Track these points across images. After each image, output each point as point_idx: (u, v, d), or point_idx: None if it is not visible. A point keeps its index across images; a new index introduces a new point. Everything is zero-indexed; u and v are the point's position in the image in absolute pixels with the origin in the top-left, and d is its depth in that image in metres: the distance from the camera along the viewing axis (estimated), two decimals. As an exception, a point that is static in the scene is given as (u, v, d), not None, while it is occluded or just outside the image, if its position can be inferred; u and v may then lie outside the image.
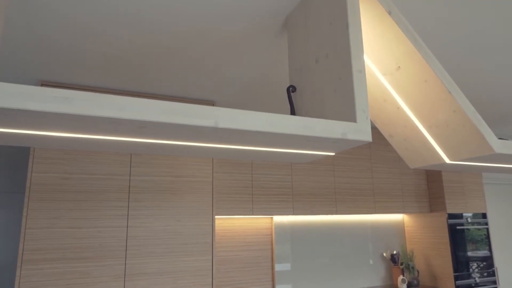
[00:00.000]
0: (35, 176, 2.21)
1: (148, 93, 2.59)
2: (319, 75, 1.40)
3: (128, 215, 2.37)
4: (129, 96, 2.19)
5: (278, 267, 3.29)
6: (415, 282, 3.56)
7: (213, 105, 2.75)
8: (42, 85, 2.32)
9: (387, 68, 1.60)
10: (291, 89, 1.55)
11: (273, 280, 3.26)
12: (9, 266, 2.85)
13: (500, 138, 1.64)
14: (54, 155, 2.27)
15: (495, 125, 3.77)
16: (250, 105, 2.90)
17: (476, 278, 3.52)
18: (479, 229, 3.68)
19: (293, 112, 1.49)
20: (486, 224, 3.74)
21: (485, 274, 3.59)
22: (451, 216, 3.56)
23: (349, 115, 1.23)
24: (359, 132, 1.19)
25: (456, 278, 3.43)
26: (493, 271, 3.64)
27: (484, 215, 3.76)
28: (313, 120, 1.13)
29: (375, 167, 3.62)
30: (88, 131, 1.02)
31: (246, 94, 2.65)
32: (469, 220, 3.64)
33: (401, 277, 3.53)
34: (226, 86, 2.49)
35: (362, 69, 1.24)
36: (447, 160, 1.71)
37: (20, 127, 0.97)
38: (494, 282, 3.61)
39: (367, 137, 1.20)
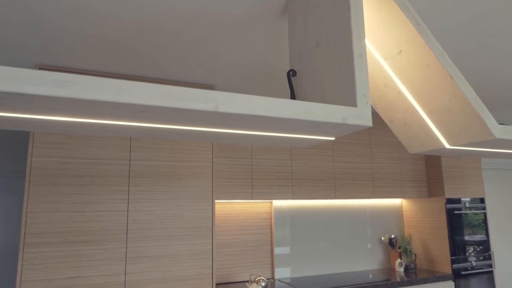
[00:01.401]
0: (35, 161, 2.21)
1: (148, 77, 2.57)
2: (319, 59, 1.39)
3: (128, 200, 2.38)
4: (128, 80, 2.18)
5: (277, 250, 3.33)
6: (412, 265, 3.61)
7: (212, 89, 2.73)
8: (40, 69, 2.30)
9: (388, 53, 1.58)
10: (291, 74, 1.54)
11: (272, 263, 3.31)
12: (12, 248, 2.88)
13: (501, 123, 1.63)
14: (53, 140, 2.27)
15: (496, 110, 3.76)
16: (249, 90, 2.88)
17: (473, 262, 3.57)
18: (476, 214, 3.71)
19: (293, 97, 1.48)
20: (484, 209, 3.78)
21: (481, 258, 3.64)
22: (449, 201, 3.59)
23: (349, 99, 1.22)
24: (360, 117, 1.19)
25: (453, 262, 3.48)
26: (489, 255, 3.69)
27: (482, 200, 3.79)
28: (313, 104, 1.13)
29: (374, 152, 3.63)
30: (88, 115, 1.02)
31: (245, 78, 2.64)
32: (467, 205, 3.67)
33: (398, 260, 3.59)
34: (226, 70, 2.47)
35: (363, 54, 1.23)
36: (447, 145, 1.71)
37: (18, 111, 0.97)
38: (490, 266, 3.67)
39: (368, 122, 1.20)
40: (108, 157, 2.38)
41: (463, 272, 3.49)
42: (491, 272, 3.67)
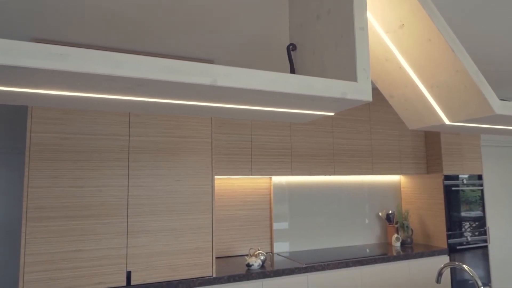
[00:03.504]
0: (34, 136, 2.21)
1: (146, 51, 2.53)
2: (320, 32, 1.36)
3: (128, 175, 2.40)
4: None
5: (276, 225, 3.38)
6: (409, 240, 3.68)
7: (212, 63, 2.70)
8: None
9: (390, 26, 1.55)
10: (291, 48, 1.51)
11: (271, 238, 3.37)
12: (14, 222, 2.92)
13: (502, 99, 1.62)
14: (52, 115, 2.26)
15: (499, 86, 3.73)
16: (249, 65, 2.85)
17: (468, 237, 3.64)
18: (473, 191, 3.75)
19: (293, 71, 1.47)
20: (481, 185, 3.81)
21: (477, 233, 3.70)
22: (447, 177, 3.62)
23: (349, 74, 1.21)
24: (360, 91, 1.18)
25: (449, 237, 3.54)
26: (485, 230, 3.75)
27: (480, 177, 3.82)
28: (312, 79, 1.11)
29: (374, 128, 3.62)
30: (84, 89, 1.01)
31: (245, 53, 2.60)
32: (465, 181, 3.70)
33: (395, 235, 3.65)
34: (225, 44, 2.43)
35: (364, 27, 1.20)
36: (447, 121, 1.71)
37: (13, 84, 0.96)
38: (485, 241, 3.74)
39: (367, 97, 1.19)
40: (107, 133, 2.38)
41: (458, 247, 3.56)
42: (486, 247, 3.74)
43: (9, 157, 2.96)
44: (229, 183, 3.27)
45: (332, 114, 1.41)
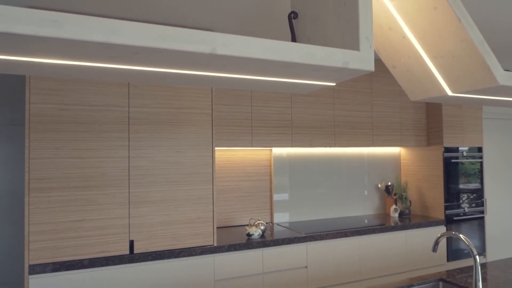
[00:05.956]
0: (33, 107, 2.19)
1: (143, 20, 2.47)
2: (322, -1, 1.32)
3: (129, 146, 2.40)
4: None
5: (276, 197, 3.42)
6: (407, 211, 3.73)
7: (211, 34, 2.64)
8: (30, 10, 2.20)
9: (395, -7, 1.50)
10: (292, 16, 1.47)
11: (271, 209, 3.41)
12: (17, 193, 2.96)
13: (507, 70, 1.59)
14: (50, 86, 2.24)
15: (507, 56, 3.66)
16: (249, 34, 2.78)
17: (465, 208, 3.68)
18: (472, 163, 3.76)
19: (294, 40, 1.43)
20: (481, 158, 3.82)
21: (474, 205, 3.75)
22: (447, 149, 3.62)
23: (352, 43, 1.18)
24: (362, 61, 1.15)
25: (446, 208, 3.59)
26: (482, 202, 3.80)
27: (479, 149, 3.82)
28: (314, 47, 1.09)
29: (375, 100, 3.59)
30: (79, 57, 0.98)
31: (245, 21, 2.53)
32: (465, 154, 3.71)
33: (393, 206, 3.70)
34: (225, 11, 2.36)
35: (368, -7, 1.16)
36: (449, 93, 1.69)
37: (7, 53, 0.94)
38: (482, 212, 3.79)
39: (370, 66, 1.17)
40: (106, 104, 2.36)
41: (455, 218, 3.62)
42: (482, 218, 3.80)
43: (10, 129, 2.96)
44: (230, 155, 3.28)
45: (333, 84, 1.39)
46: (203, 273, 2.52)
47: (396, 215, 3.68)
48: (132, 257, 2.36)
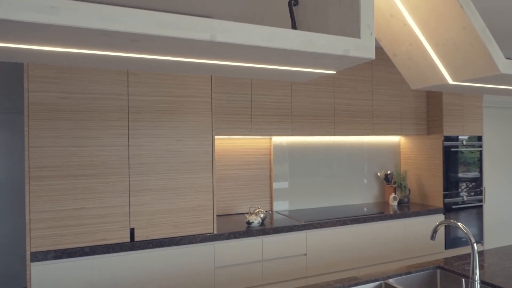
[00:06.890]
0: (32, 96, 2.18)
1: (141, 7, 2.44)
2: (323, -15, 1.30)
3: (128, 134, 2.40)
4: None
5: (276, 185, 3.43)
6: (406, 199, 3.75)
7: (210, 21, 2.61)
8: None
9: (397, -21, 1.48)
10: (292, 3, 1.45)
11: (271, 197, 3.43)
12: (17, 181, 2.97)
13: (508, 59, 1.58)
14: (48, 74, 2.22)
15: (509, 45, 3.63)
16: (249, 21, 2.75)
17: (464, 197, 3.70)
18: (472, 152, 3.77)
19: (294, 27, 1.42)
20: (481, 146, 3.82)
21: (472, 193, 3.77)
22: (447, 138, 3.62)
23: (353, 30, 1.17)
24: (363, 48, 1.14)
25: (445, 196, 3.60)
26: (481, 191, 3.82)
27: (479, 138, 3.82)
28: (314, 34, 1.08)
29: (376, 89, 3.58)
30: (78, 44, 0.97)
31: (245, 7, 2.50)
32: (464, 142, 3.71)
33: (393, 195, 3.71)
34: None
35: (370, -21, 1.15)
36: (450, 81, 1.68)
37: (4, 40, 0.92)
38: (480, 201, 3.81)
39: (371, 54, 1.16)
40: (105, 92, 2.35)
41: (454, 206, 3.64)
42: (481, 206, 3.82)
43: (9, 117, 2.95)
44: (229, 143, 3.28)
45: (334, 72, 1.38)
46: (203, 260, 2.55)
47: (395, 203, 3.70)
48: (132, 244, 2.38)
